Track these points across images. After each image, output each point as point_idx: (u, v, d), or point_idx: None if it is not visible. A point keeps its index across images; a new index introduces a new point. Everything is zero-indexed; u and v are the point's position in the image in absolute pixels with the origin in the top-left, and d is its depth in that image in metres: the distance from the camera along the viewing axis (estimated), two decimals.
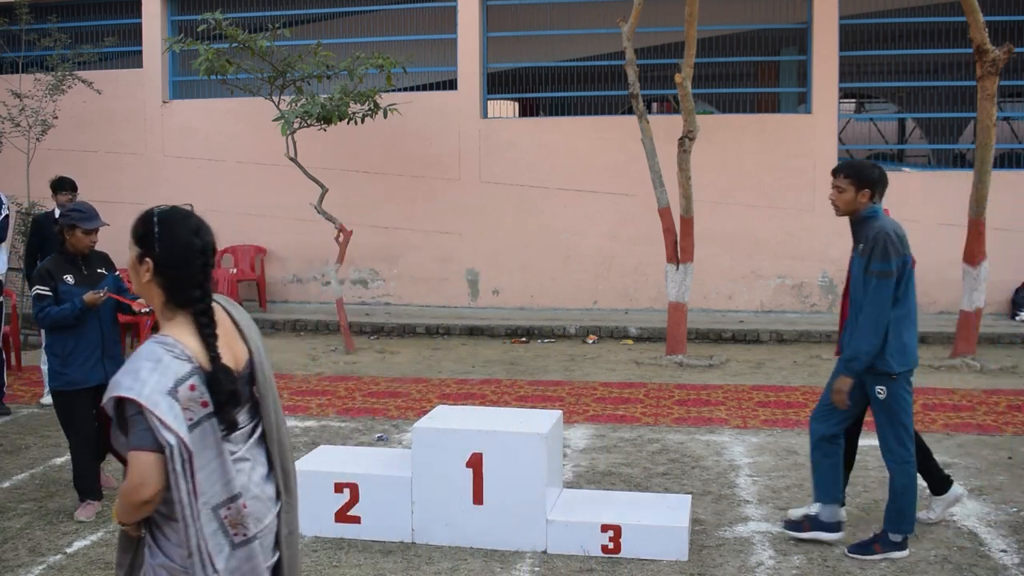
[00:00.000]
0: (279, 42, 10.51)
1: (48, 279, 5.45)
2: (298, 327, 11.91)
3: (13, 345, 9.63)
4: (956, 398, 8.10)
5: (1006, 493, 5.71)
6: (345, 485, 5.10)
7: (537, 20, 12.95)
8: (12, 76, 12.45)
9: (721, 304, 12.14)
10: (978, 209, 9.41)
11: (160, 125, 13.35)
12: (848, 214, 4.87)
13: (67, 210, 5.60)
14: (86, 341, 5.44)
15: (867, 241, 4.72)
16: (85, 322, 5.42)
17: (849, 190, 4.81)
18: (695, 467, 6.29)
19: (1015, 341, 10.57)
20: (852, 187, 4.81)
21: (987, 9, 9.60)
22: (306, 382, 9.03)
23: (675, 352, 9.85)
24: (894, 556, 4.72)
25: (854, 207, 4.83)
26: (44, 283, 5.44)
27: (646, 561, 4.74)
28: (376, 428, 7.34)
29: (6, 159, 12.08)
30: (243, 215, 13.00)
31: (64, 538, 5.13)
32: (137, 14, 13.39)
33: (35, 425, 7.52)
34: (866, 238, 4.74)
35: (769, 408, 7.85)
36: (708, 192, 11.42)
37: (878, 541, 4.77)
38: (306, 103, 10.26)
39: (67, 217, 5.53)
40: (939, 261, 11.46)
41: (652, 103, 14.06)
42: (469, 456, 4.89)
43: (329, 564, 4.77)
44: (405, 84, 11.93)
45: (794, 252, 12.01)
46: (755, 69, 13.94)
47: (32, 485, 6.03)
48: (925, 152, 14.17)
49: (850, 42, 12.07)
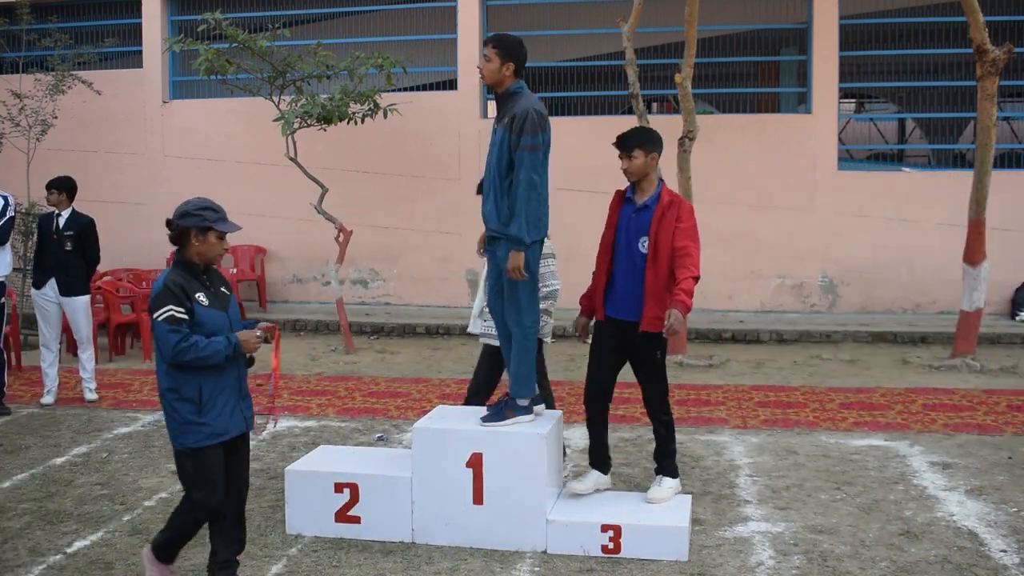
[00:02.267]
0: (279, 42, 10.51)
1: (184, 298, 4.15)
2: (298, 327, 11.91)
3: (13, 345, 9.63)
4: (956, 398, 8.10)
5: (1006, 493, 5.71)
6: (345, 485, 5.10)
7: (537, 20, 12.96)
8: (12, 76, 12.45)
9: (721, 304, 12.14)
10: (978, 209, 9.41)
11: (160, 125, 13.35)
12: (493, 85, 4.97)
13: (196, 207, 4.27)
14: (227, 380, 4.27)
15: (515, 117, 4.81)
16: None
17: (495, 60, 4.91)
18: (695, 467, 6.29)
19: (1015, 341, 10.57)
20: (498, 58, 4.90)
21: (987, 9, 9.60)
22: (306, 382, 9.03)
23: (675, 352, 9.85)
24: (523, 420, 4.96)
25: (499, 78, 4.92)
26: (180, 303, 4.14)
27: (646, 561, 4.74)
28: (376, 428, 7.34)
29: (6, 159, 12.08)
30: (243, 215, 12.80)
31: (64, 538, 5.13)
32: (137, 14, 13.40)
33: (35, 425, 7.53)
34: (513, 114, 4.83)
35: (769, 408, 7.85)
36: (708, 192, 11.41)
37: (508, 407, 5.00)
38: (306, 103, 10.26)
39: (197, 217, 4.24)
40: (939, 261, 11.48)
41: (652, 103, 14.06)
42: (469, 456, 4.90)
43: (329, 564, 4.77)
44: (405, 84, 11.93)
45: (794, 252, 12.01)
46: (755, 69, 13.94)
47: (32, 485, 6.03)
48: (925, 152, 14.17)
49: (850, 42, 12.07)
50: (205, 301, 4.21)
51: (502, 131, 4.89)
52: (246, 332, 4.26)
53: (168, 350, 4.08)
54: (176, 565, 4.42)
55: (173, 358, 4.09)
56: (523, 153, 4.80)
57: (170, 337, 4.06)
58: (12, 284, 11.24)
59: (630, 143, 5.13)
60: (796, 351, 10.41)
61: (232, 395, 4.27)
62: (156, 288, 4.17)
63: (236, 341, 4.19)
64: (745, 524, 5.25)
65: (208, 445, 4.19)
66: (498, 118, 4.99)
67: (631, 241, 5.11)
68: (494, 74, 4.92)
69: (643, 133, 5.16)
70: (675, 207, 5.07)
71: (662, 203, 5.08)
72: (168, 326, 4.07)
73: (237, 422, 4.30)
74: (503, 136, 4.88)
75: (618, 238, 5.17)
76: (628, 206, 5.19)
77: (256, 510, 5.52)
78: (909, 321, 11.45)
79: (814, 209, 11.92)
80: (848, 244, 11.89)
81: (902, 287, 11.88)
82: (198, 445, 4.18)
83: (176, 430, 4.21)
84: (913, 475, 6.06)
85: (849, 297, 11.97)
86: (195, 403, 4.17)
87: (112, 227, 12.07)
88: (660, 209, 5.06)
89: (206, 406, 4.19)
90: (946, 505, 5.51)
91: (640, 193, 5.19)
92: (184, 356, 4.07)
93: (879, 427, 7.21)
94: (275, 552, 4.92)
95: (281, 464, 6.19)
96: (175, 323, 4.09)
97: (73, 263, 8.09)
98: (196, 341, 4.08)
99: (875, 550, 4.87)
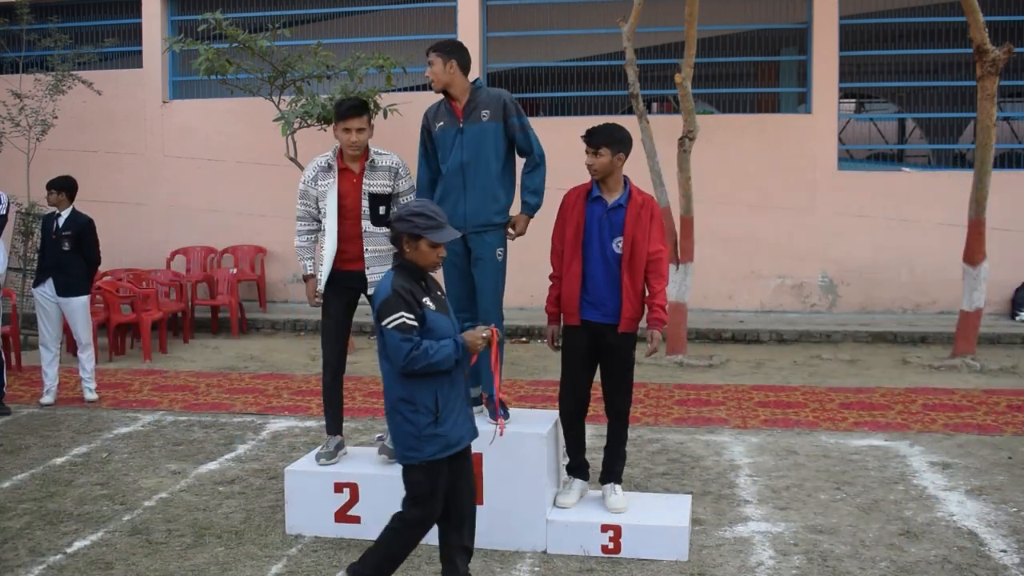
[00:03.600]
0: (279, 42, 10.51)
1: (415, 304, 3.95)
2: (298, 327, 11.90)
3: (13, 345, 9.63)
4: (956, 398, 8.10)
5: (1006, 493, 5.71)
6: (345, 485, 5.10)
7: (537, 20, 12.95)
8: (12, 76, 12.45)
9: (721, 304, 12.14)
10: (978, 209, 9.41)
11: (160, 125, 13.35)
12: (446, 87, 5.12)
13: (410, 212, 4.04)
14: (459, 386, 4.09)
15: (504, 106, 5.09)
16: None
17: (437, 62, 5.11)
18: (695, 467, 6.29)
19: (1015, 341, 10.57)
20: (439, 59, 5.10)
21: (987, 9, 9.60)
22: (306, 382, 9.03)
23: (675, 352, 9.85)
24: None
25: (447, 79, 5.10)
26: (411, 309, 3.93)
27: (646, 561, 4.75)
28: (376, 428, 7.33)
29: (6, 159, 12.07)
30: (243, 215, 13.00)
31: (64, 538, 5.13)
32: (137, 14, 13.39)
33: (35, 425, 7.53)
34: (494, 104, 5.09)
35: (769, 408, 7.85)
36: (708, 192, 11.41)
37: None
38: (306, 103, 10.26)
39: (408, 223, 4.00)
40: (939, 261, 11.48)
41: (652, 103, 14.05)
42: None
43: (329, 564, 4.77)
44: (405, 84, 11.91)
45: (794, 252, 12.01)
46: (755, 69, 13.93)
47: (32, 485, 6.03)
48: (925, 152, 14.17)
49: (850, 42, 12.07)
50: (432, 306, 4.02)
51: (493, 124, 5.06)
52: (470, 333, 4.05)
53: (400, 359, 3.85)
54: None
55: (404, 367, 3.87)
56: (528, 133, 5.14)
57: (403, 346, 3.84)
58: (12, 284, 11.28)
59: (598, 139, 4.99)
60: (796, 351, 10.41)
61: (463, 401, 4.09)
62: (384, 293, 3.94)
63: (463, 343, 3.97)
64: (745, 524, 5.25)
65: (443, 457, 3.98)
66: (466, 117, 5.07)
67: (604, 241, 4.99)
68: (440, 75, 5.09)
69: (612, 132, 5.01)
70: (648, 206, 4.99)
71: (635, 202, 4.98)
72: (400, 334, 3.85)
73: (469, 429, 4.12)
74: (495, 128, 5.06)
75: (589, 239, 5.02)
76: (597, 205, 5.02)
77: (256, 510, 5.53)
78: (909, 321, 11.45)
79: (814, 209, 11.91)
80: (848, 244, 11.89)
81: (902, 287, 11.88)
82: (433, 458, 3.95)
83: (409, 443, 3.96)
84: (913, 475, 6.07)
85: (849, 297, 11.97)
86: (432, 413, 3.95)
87: (112, 227, 12.07)
88: (634, 209, 4.97)
89: (442, 415, 3.96)
90: (946, 505, 5.51)
91: (608, 192, 5.03)
92: (415, 365, 3.86)
93: (879, 427, 7.21)
94: (275, 552, 4.93)
95: (281, 464, 6.19)
96: (407, 331, 3.87)
97: (71, 263, 8.07)
98: (427, 348, 3.87)
99: (875, 550, 4.87)
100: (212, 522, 5.34)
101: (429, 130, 5.21)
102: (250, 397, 8.43)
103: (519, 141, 5.15)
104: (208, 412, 7.92)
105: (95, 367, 8.42)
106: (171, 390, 8.76)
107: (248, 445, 6.92)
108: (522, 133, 5.13)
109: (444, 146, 5.12)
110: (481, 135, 5.05)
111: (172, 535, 5.16)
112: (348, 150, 5.24)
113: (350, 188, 5.25)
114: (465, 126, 5.07)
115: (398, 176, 5.31)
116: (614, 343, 5.02)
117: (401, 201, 5.27)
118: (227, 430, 7.34)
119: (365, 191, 5.23)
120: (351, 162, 5.28)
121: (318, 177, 5.35)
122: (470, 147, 5.06)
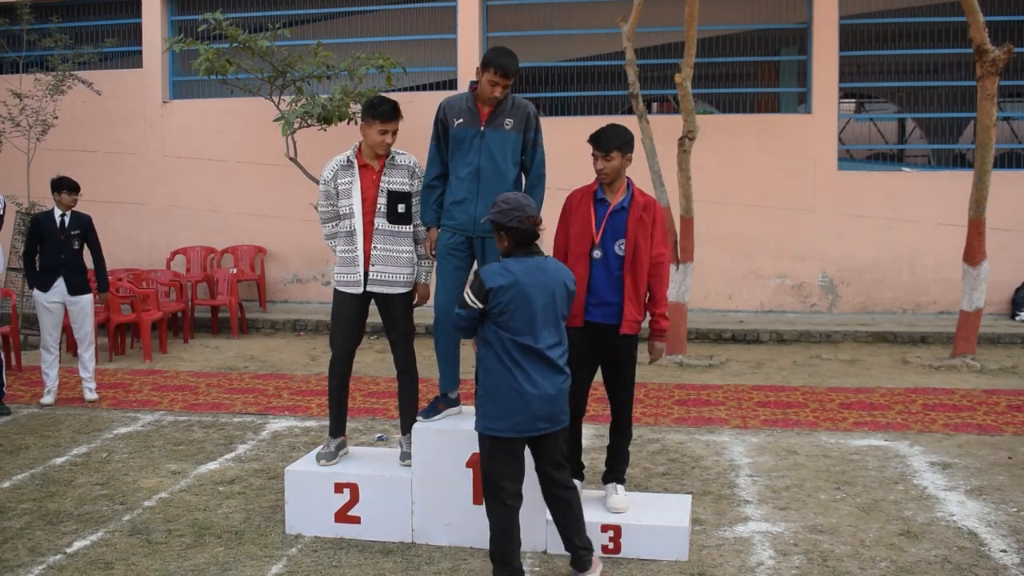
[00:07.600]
0: (279, 42, 10.51)
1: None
2: (298, 327, 11.91)
3: (13, 345, 9.63)
4: (956, 398, 8.10)
5: (1006, 493, 5.71)
6: (345, 485, 5.10)
7: (537, 20, 12.95)
8: (12, 76, 12.45)
9: (721, 304, 12.14)
10: (978, 209, 9.41)
11: (160, 125, 13.35)
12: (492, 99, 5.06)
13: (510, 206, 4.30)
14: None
15: (528, 117, 5.07)
16: None
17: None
18: (695, 467, 6.29)
19: (1015, 341, 10.57)
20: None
21: (987, 9, 9.60)
22: (306, 382, 9.03)
23: (675, 352, 9.85)
24: (451, 413, 5.21)
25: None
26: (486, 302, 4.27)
27: (646, 561, 4.75)
28: (376, 428, 7.34)
29: (6, 159, 12.08)
30: (243, 215, 13.00)
31: (64, 538, 5.13)
32: (137, 14, 13.39)
33: (35, 425, 7.53)
34: (520, 115, 5.05)
35: (769, 408, 7.85)
36: (708, 192, 11.42)
37: (440, 401, 5.21)
38: (306, 103, 10.26)
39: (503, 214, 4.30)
40: (939, 261, 11.48)
41: (652, 103, 14.06)
42: (469, 456, 4.90)
43: (329, 564, 4.77)
44: (405, 84, 11.92)
45: (794, 252, 12.01)
46: (755, 69, 13.94)
47: (32, 485, 6.03)
48: (925, 152, 14.17)
49: (850, 42, 12.07)
50: None
51: (514, 135, 5.02)
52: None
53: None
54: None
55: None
56: (538, 151, 5.13)
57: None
58: (12, 284, 11.28)
59: (609, 144, 4.95)
60: (796, 351, 10.41)
61: None
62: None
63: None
64: (745, 524, 5.25)
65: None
66: (489, 122, 5.00)
67: (607, 243, 4.98)
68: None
69: (621, 134, 5.01)
70: (651, 209, 4.98)
71: (637, 204, 4.97)
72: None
73: None
74: (515, 138, 5.03)
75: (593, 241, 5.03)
76: (601, 207, 5.02)
77: (256, 510, 5.53)
78: (909, 321, 11.45)
79: (814, 209, 11.92)
80: (848, 244, 11.89)
81: (902, 287, 11.88)
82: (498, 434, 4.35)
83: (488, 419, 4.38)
84: (913, 475, 6.07)
85: (849, 297, 11.98)
86: None
87: (112, 227, 12.09)
88: (636, 211, 4.96)
89: None
90: (946, 505, 5.51)
91: (612, 193, 5.02)
92: None
93: (879, 427, 7.22)
94: (275, 552, 4.93)
95: (281, 464, 6.20)
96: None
97: (80, 262, 8.24)
98: None
99: (875, 550, 4.87)
100: (212, 522, 5.34)
101: (445, 124, 5.15)
102: (250, 397, 8.43)
103: (527, 155, 5.12)
104: (208, 412, 7.92)
105: (95, 367, 8.42)
106: (171, 390, 8.76)
107: (248, 445, 6.92)
108: (533, 149, 5.11)
109: (460, 145, 5.07)
110: (502, 143, 5.01)
111: (172, 535, 5.16)
112: (377, 149, 5.21)
113: (369, 184, 5.23)
114: (486, 130, 5.01)
115: (414, 175, 5.31)
116: (616, 344, 5.03)
117: (412, 201, 5.28)
118: (227, 430, 7.34)
119: (383, 188, 5.21)
120: (371, 159, 5.25)
121: (338, 175, 5.27)
122: (488, 153, 5.01)
